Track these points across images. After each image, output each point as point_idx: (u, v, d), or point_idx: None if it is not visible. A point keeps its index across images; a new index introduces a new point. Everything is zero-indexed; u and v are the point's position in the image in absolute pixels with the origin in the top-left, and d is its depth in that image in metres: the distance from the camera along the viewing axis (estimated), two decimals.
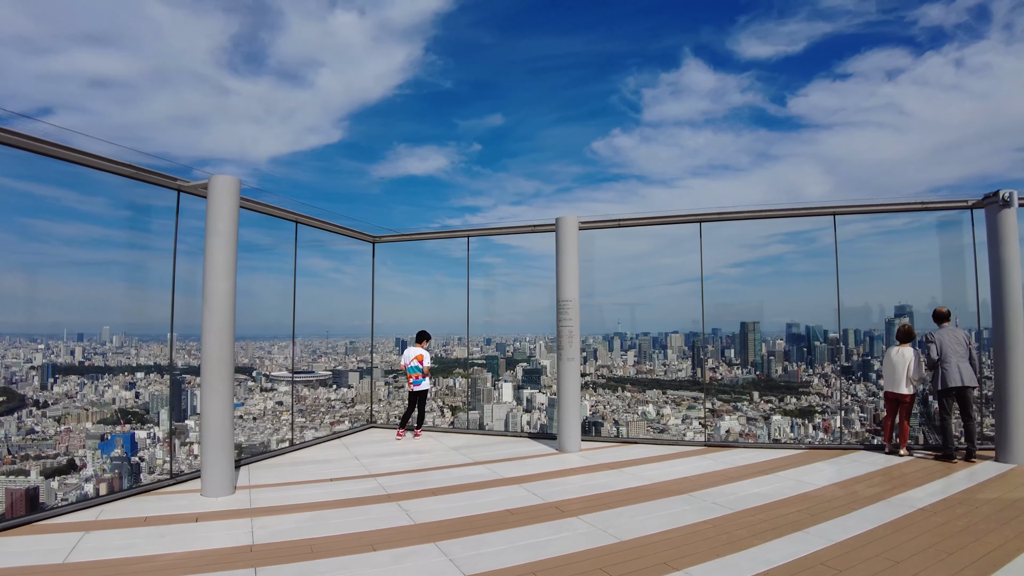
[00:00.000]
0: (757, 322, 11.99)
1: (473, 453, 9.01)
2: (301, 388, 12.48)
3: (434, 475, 7.76)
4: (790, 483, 7.11)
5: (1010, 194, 8.02)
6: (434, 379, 13.58)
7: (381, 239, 11.53)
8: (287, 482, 7.44)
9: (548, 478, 7.51)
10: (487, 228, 10.66)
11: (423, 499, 6.62)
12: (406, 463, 8.47)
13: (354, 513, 6.15)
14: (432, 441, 10.07)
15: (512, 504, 6.37)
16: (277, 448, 9.46)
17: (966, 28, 67.33)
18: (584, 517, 5.89)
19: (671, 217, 9.51)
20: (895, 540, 5.18)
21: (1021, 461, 7.89)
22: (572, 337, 9.02)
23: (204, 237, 6.88)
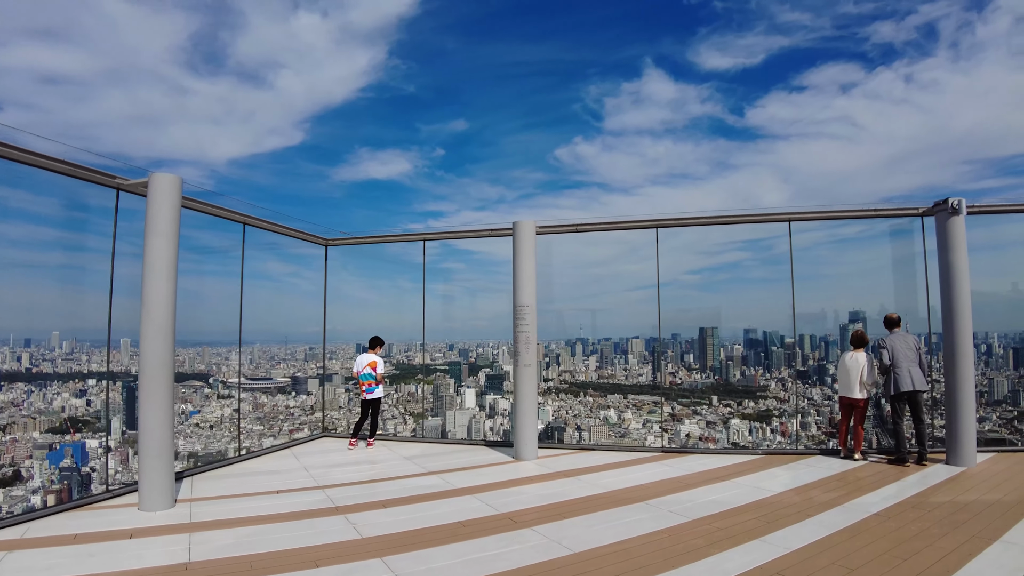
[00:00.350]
0: (715, 327, 12.06)
1: (427, 463, 8.72)
2: (259, 395, 12.14)
3: (385, 486, 7.47)
4: (747, 490, 7.01)
5: (959, 202, 8.08)
6: (396, 386, 13.32)
7: (334, 242, 11.17)
8: (232, 494, 7.09)
9: (503, 488, 7.29)
10: (443, 232, 10.43)
11: (372, 512, 6.33)
12: (357, 474, 8.15)
13: (299, 527, 5.84)
14: (385, 451, 9.73)
15: (464, 516, 6.13)
16: (224, 458, 9.05)
17: (915, 45, 69.38)
18: (537, 528, 5.69)
19: (628, 223, 9.39)
20: (850, 547, 5.09)
21: (971, 464, 7.93)
22: (529, 343, 8.82)
23: None
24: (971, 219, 8.26)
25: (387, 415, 12.63)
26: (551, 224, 9.25)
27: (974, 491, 6.78)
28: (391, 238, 10.69)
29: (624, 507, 6.35)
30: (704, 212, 9.05)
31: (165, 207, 6.56)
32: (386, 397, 12.54)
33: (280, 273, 11.74)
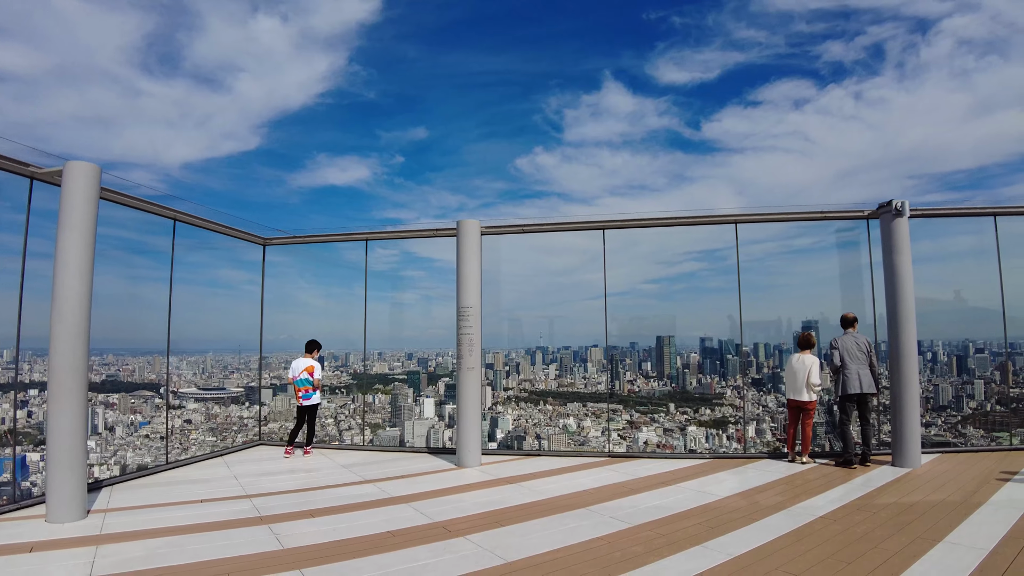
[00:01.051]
0: (672, 336, 11.93)
1: (365, 471, 8.25)
2: (212, 406, 11.54)
3: (317, 495, 6.99)
4: (692, 494, 6.72)
5: (902, 203, 8.03)
6: (352, 396, 12.84)
7: (272, 241, 10.61)
8: (151, 504, 6.55)
9: (441, 496, 6.87)
10: (386, 232, 9.97)
11: (298, 521, 5.88)
12: (289, 482, 7.65)
13: (216, 538, 5.36)
14: (323, 459, 9.22)
15: (395, 525, 5.71)
16: (146, 468, 8.44)
17: (864, 64, 71.43)
18: (471, 537, 5.30)
19: (575, 224, 9.10)
20: (795, 551, 4.82)
21: (916, 465, 7.83)
22: (472, 345, 8.42)
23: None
24: (917, 230, 8.23)
25: (343, 426, 12.13)
26: (497, 224, 8.92)
27: (919, 492, 6.61)
28: (332, 237, 10.18)
29: (565, 514, 6.00)
30: (651, 213, 8.84)
31: (80, 198, 6.05)
32: (342, 407, 12.06)
33: (237, 280, 11.25)
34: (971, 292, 9.93)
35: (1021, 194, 9.35)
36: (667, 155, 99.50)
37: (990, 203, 8.85)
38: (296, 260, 11.46)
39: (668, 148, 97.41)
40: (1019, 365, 10.64)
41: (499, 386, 12.28)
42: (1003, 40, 65.54)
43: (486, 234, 8.88)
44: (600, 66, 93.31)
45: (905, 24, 67.88)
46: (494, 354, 12.40)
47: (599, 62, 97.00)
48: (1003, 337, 9.10)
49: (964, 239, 9.70)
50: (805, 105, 79.41)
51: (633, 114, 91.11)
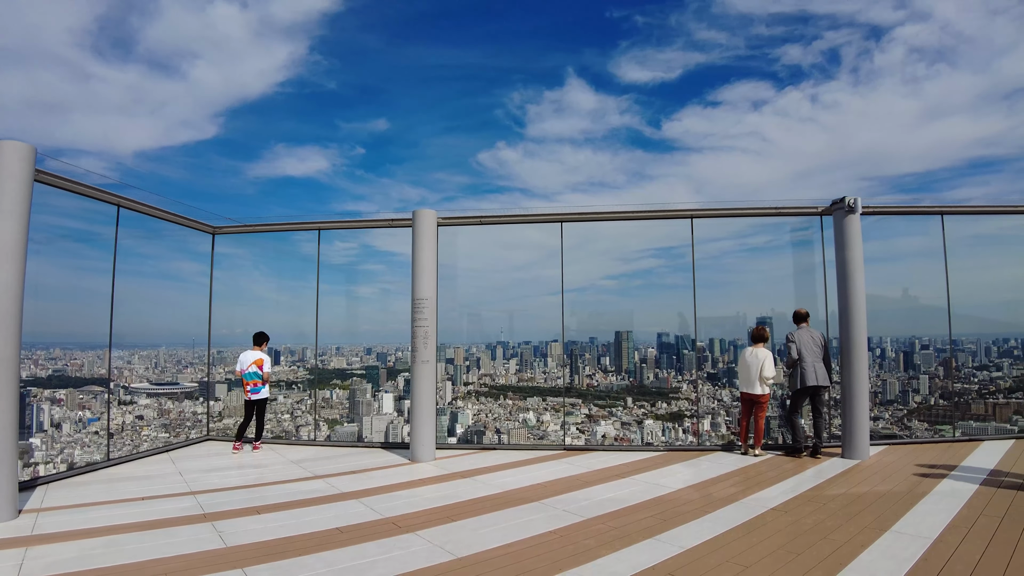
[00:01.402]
0: (630, 331, 11.96)
1: (315, 466, 8.01)
2: (165, 401, 11.16)
3: (265, 491, 6.74)
4: (645, 487, 6.66)
5: (855, 200, 8.10)
6: (310, 392, 12.54)
7: (222, 230, 10.21)
8: (89, 503, 6.22)
9: (392, 491, 6.68)
10: (339, 221, 9.66)
11: (244, 518, 5.64)
12: (236, 479, 7.38)
13: (157, 537, 5.10)
14: (272, 454, 8.92)
15: (344, 521, 5.51)
16: (87, 464, 8.05)
17: (820, 68, 73.13)
18: (422, 532, 5.14)
19: (533, 216, 8.98)
20: (746, 543, 4.79)
21: (864, 457, 7.91)
22: (427, 338, 8.24)
23: None
24: (867, 230, 8.31)
25: (300, 421, 11.82)
26: (454, 215, 8.75)
27: (867, 483, 6.66)
28: (283, 226, 9.82)
29: (518, 507, 5.88)
30: (608, 207, 8.75)
31: (11, 180, 5.71)
32: (299, 403, 11.75)
33: (191, 272, 10.87)
34: (918, 290, 10.15)
35: (966, 197, 9.73)
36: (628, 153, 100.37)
37: (926, 204, 9.04)
38: (251, 252, 11.12)
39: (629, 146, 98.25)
40: (961, 361, 10.90)
41: (459, 381, 12.15)
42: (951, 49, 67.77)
43: (443, 225, 8.70)
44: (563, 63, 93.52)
45: (860, 31, 69.71)
46: (454, 349, 12.27)
47: (562, 58, 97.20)
48: (947, 334, 9.27)
49: (912, 239, 9.92)
50: (763, 106, 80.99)
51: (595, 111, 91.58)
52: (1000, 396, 11.00)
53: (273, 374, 11.55)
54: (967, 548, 4.56)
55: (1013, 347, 11.76)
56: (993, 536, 4.82)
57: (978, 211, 9.12)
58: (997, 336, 11.75)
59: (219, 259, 10.46)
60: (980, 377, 11.29)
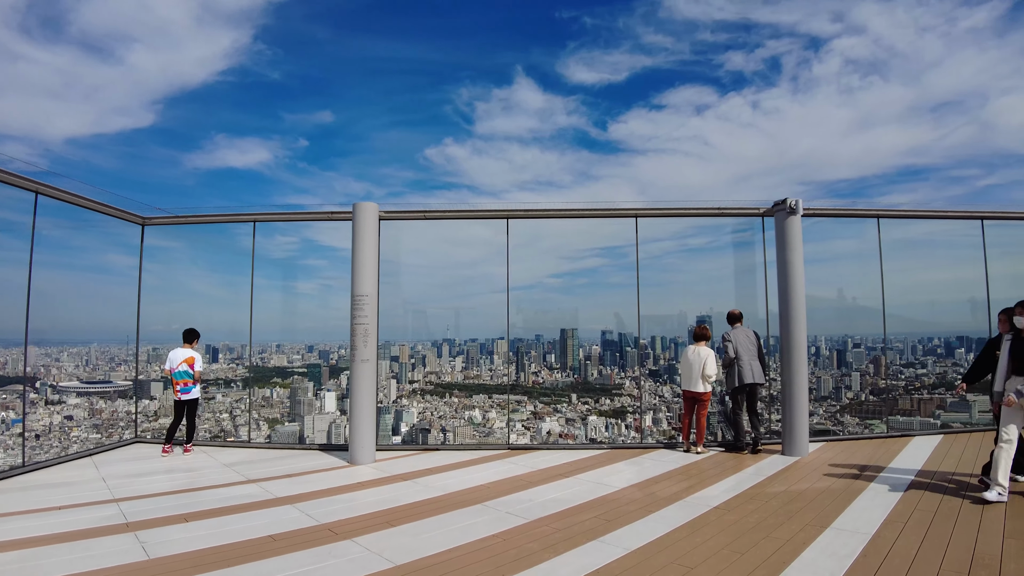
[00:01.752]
0: (575, 329, 11.96)
1: (249, 470, 7.61)
2: (97, 400, 10.55)
3: (194, 497, 6.33)
4: (590, 486, 6.55)
5: (796, 202, 8.18)
6: (249, 390, 12.04)
7: (152, 220, 9.62)
8: (2, 513, 5.70)
9: (329, 495, 6.37)
10: (276, 213, 9.19)
11: (170, 527, 5.26)
12: (165, 484, 6.93)
13: (74, 549, 4.69)
14: (204, 457, 8.46)
15: (277, 528, 5.20)
16: (1, 472, 7.44)
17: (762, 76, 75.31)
18: (359, 539, 4.88)
19: (479, 212, 8.77)
20: (690, 543, 4.71)
21: (803, 454, 8.00)
22: (368, 336, 7.91)
23: None
24: (804, 232, 8.36)
25: (239, 421, 11.30)
26: (396, 209, 8.46)
27: (807, 480, 6.70)
28: (216, 218, 9.31)
29: (460, 510, 5.67)
30: (554, 204, 8.63)
31: None
32: (238, 402, 11.25)
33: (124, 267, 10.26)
34: (850, 291, 10.45)
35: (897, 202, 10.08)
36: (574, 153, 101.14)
37: (863, 207, 9.26)
38: (187, 245, 10.57)
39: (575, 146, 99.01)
40: (890, 359, 11.24)
41: (404, 379, 11.88)
42: (883, 63, 70.79)
43: (385, 219, 8.39)
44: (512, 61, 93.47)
45: (800, 41, 72.06)
46: (399, 346, 12.00)
47: (511, 57, 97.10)
48: (876, 332, 9.53)
49: (846, 242, 10.19)
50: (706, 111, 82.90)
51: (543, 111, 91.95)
52: (924, 392, 11.42)
53: (211, 372, 11.04)
54: (904, 544, 4.59)
55: (936, 346, 12.23)
56: (927, 531, 4.87)
57: (911, 215, 9.37)
58: (922, 335, 12.20)
59: (154, 252, 9.95)
60: (907, 374, 11.70)
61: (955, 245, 10.39)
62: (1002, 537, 4.72)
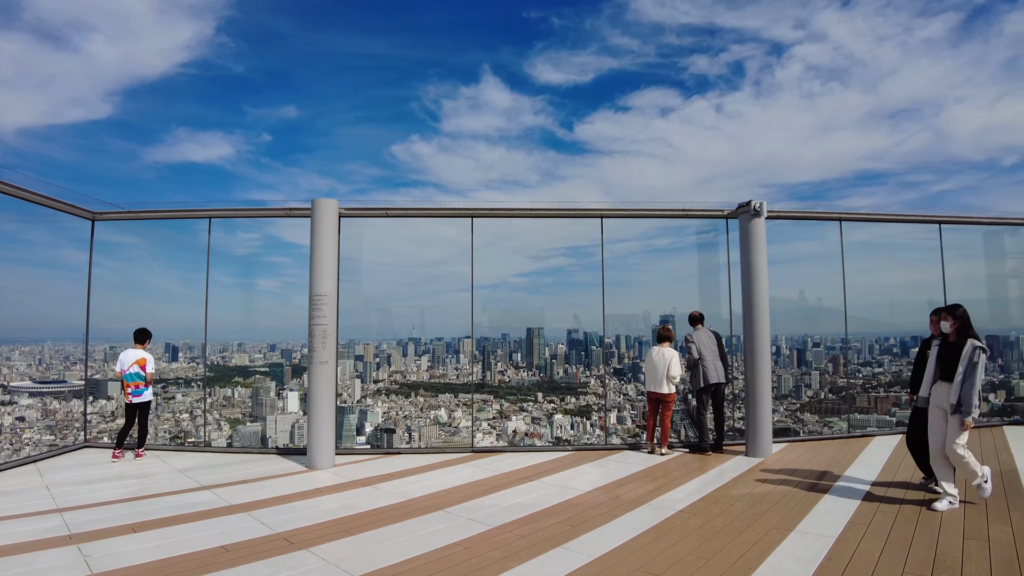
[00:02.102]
0: (541, 328, 11.93)
1: (204, 476, 7.28)
2: (51, 400, 10.22)
3: (144, 506, 6.01)
4: (554, 490, 6.41)
5: (760, 204, 8.17)
6: (210, 389, 11.67)
7: (103, 215, 9.16)
8: None
9: (286, 502, 6.11)
10: (232, 209, 8.85)
11: (117, 539, 4.96)
12: (114, 492, 6.58)
13: (9, 565, 4.38)
14: (157, 462, 8.08)
15: (231, 538, 4.94)
16: None
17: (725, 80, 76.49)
18: (316, 549, 4.66)
19: (442, 210, 8.55)
20: (656, 549, 4.60)
21: (767, 455, 7.99)
22: (327, 337, 7.64)
23: None
24: (768, 235, 8.36)
25: (200, 422, 10.94)
26: (357, 207, 8.17)
27: (771, 481, 6.67)
28: (170, 213, 8.89)
29: (421, 517, 5.47)
30: (520, 204, 8.46)
31: None
32: (199, 402, 10.88)
33: (81, 263, 9.86)
34: (812, 292, 10.58)
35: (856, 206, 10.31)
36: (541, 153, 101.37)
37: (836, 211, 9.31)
38: (147, 241, 10.16)
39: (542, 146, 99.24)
40: (848, 358, 11.41)
41: (368, 378, 11.68)
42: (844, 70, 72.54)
43: (345, 216, 8.13)
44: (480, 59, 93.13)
45: (763, 46, 73.41)
46: (364, 345, 11.83)
47: (479, 55, 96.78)
48: (835, 332, 9.65)
49: (808, 244, 10.30)
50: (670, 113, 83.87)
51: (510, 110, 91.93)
52: (881, 390, 11.63)
53: (170, 371, 10.67)
54: (867, 546, 4.56)
55: (893, 345, 12.48)
56: (890, 533, 4.86)
57: (873, 218, 9.47)
58: (879, 335, 12.43)
59: (112, 248, 9.61)
60: (864, 373, 11.91)
61: (913, 248, 10.59)
62: (962, 538, 4.72)
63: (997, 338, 12.16)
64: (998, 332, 12.14)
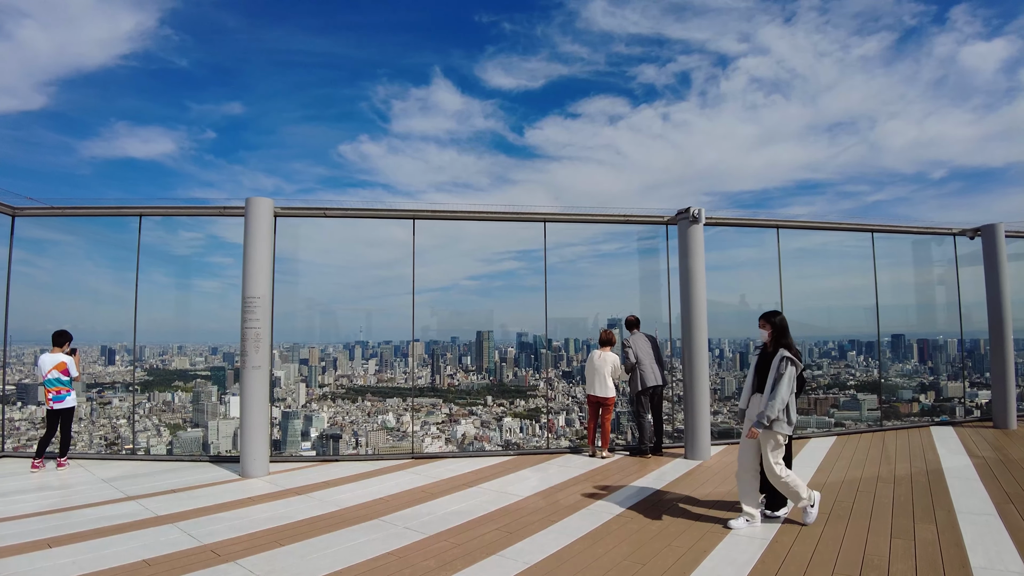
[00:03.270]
0: (491, 331, 12.01)
1: (130, 486, 6.91)
2: None
3: (63, 519, 5.65)
4: (493, 496, 6.31)
5: (699, 211, 8.26)
6: (149, 394, 11.24)
7: (23, 211, 8.62)
8: None
9: (215, 512, 5.84)
10: (163, 207, 8.43)
11: (30, 555, 4.64)
12: (31, 504, 6.17)
13: None
14: (81, 472, 7.65)
15: (154, 551, 4.69)
16: None
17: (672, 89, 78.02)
18: (244, 561, 4.46)
19: (384, 211, 8.33)
20: (592, 555, 4.56)
21: (706, 457, 8.05)
22: (260, 341, 7.35)
23: None
24: (707, 241, 8.47)
25: (138, 427, 10.48)
26: (294, 206, 7.92)
27: (708, 484, 6.72)
28: (99, 211, 8.40)
29: (355, 526, 5.30)
30: (462, 206, 8.35)
31: None
32: (136, 407, 10.45)
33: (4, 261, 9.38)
34: (752, 296, 10.81)
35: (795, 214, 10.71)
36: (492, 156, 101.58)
37: (774, 219, 9.50)
38: (82, 239, 9.66)
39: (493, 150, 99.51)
40: None
41: (314, 383, 11.44)
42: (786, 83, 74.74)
43: (281, 216, 7.87)
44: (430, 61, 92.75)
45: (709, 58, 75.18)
46: (309, 349, 11.58)
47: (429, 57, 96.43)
48: None
49: (747, 250, 10.57)
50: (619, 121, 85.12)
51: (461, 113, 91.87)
52: (820, 392, 11.96)
53: (107, 375, 10.26)
54: (799, 548, 4.61)
55: (831, 348, 12.85)
56: (821, 534, 4.93)
57: (808, 226, 9.70)
58: (818, 339, 12.79)
59: (42, 246, 9.30)
60: (804, 375, 12.19)
61: (848, 255, 10.95)
62: (890, 537, 4.82)
63: (927, 341, 12.66)
64: (927, 335, 12.64)
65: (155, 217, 8.60)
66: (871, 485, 6.47)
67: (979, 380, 12.09)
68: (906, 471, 7.07)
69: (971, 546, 4.59)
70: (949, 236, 10.56)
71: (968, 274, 10.61)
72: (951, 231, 10.50)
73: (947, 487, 6.33)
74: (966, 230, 10.43)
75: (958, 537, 4.80)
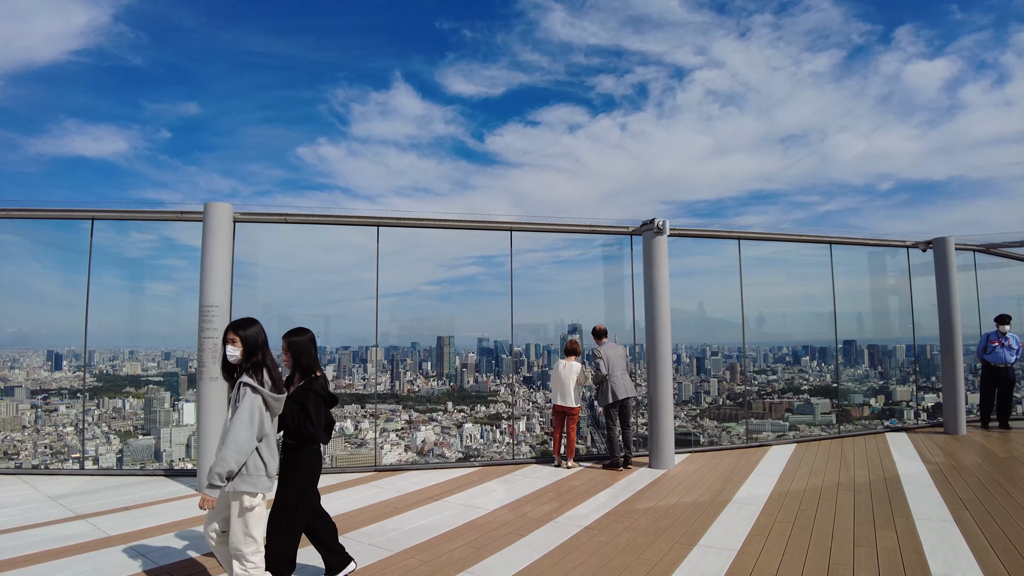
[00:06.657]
0: (452, 336, 11.88)
1: (80, 503, 6.56)
2: None
3: (7, 541, 5.28)
4: (460, 509, 6.20)
5: (663, 222, 8.31)
6: (98, 400, 10.79)
7: None
8: None
9: (171, 531, 5.58)
10: (116, 211, 7.92)
11: None
12: None
13: None
14: (26, 488, 7.20)
15: (108, 575, 4.45)
16: None
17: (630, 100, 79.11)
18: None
19: (346, 217, 8.12)
20: (561, 569, 4.50)
21: (670, 466, 8.07)
22: (218, 351, 7.02)
23: None
24: (669, 249, 8.53)
25: (87, 435, 10.06)
26: (253, 211, 7.67)
27: (674, 494, 6.72)
28: (46, 213, 7.84)
29: None
30: (427, 214, 8.26)
31: None
32: (85, 414, 10.05)
33: None
34: (710, 303, 11.08)
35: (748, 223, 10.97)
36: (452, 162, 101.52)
37: (725, 228, 9.71)
38: (27, 241, 9.18)
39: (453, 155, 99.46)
40: (744, 366, 11.93)
41: None
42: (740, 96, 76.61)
43: (241, 221, 7.62)
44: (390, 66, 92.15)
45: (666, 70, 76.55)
46: None
47: (390, 62, 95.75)
48: (732, 341, 10.04)
49: (705, 258, 10.75)
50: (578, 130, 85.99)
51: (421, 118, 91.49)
52: (775, 396, 12.20)
53: (53, 381, 9.88)
54: (767, 558, 4.63)
55: (785, 354, 13.12)
56: (787, 543, 4.96)
57: (768, 237, 9.90)
58: (773, 344, 13.04)
59: None
60: (759, 380, 12.46)
61: (805, 263, 11.24)
62: (853, 546, 4.87)
63: (876, 347, 13.03)
64: (877, 341, 13.02)
65: (101, 221, 8.22)
66: (832, 493, 6.56)
67: (926, 384, 12.52)
68: (865, 478, 7.20)
69: (930, 552, 4.68)
70: (903, 248, 10.89)
71: (920, 284, 10.98)
72: (905, 243, 10.81)
73: (904, 494, 6.46)
74: (919, 243, 10.76)
75: (918, 544, 4.89)
